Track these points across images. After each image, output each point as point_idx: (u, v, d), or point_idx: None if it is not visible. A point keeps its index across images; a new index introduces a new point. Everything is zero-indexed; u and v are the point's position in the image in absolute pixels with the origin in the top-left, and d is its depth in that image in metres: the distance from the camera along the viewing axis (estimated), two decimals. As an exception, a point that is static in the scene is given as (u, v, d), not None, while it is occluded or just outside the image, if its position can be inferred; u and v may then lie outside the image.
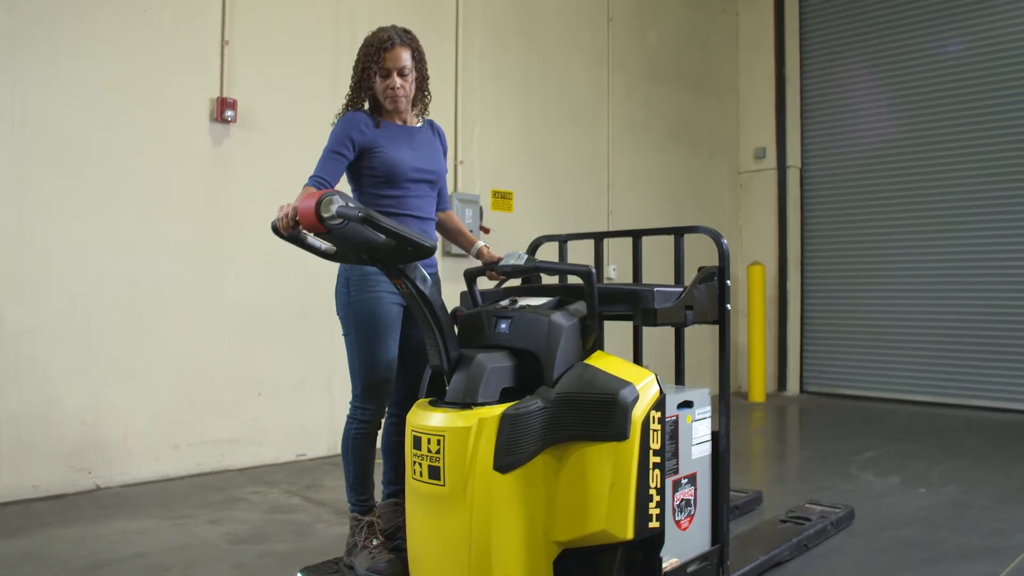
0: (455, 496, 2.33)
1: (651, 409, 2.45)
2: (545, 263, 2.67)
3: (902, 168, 8.35)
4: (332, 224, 2.18)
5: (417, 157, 2.90)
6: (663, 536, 2.52)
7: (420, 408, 2.46)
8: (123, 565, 3.45)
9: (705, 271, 2.85)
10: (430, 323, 2.38)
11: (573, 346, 2.54)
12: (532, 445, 2.37)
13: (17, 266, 4.39)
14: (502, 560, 2.35)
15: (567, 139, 7.39)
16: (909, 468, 5.36)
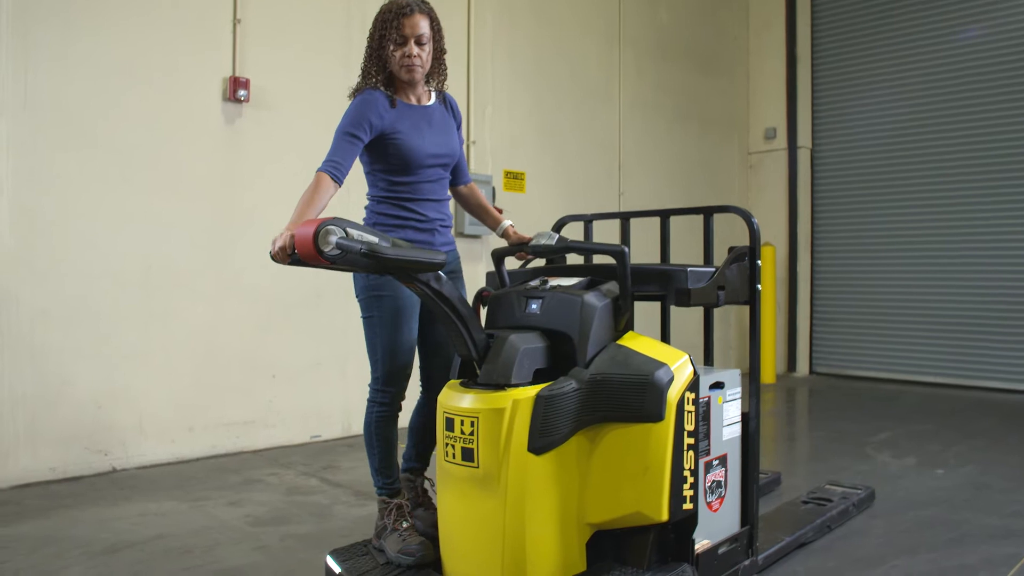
0: (489, 478, 2.31)
1: (685, 390, 2.43)
2: (577, 242, 2.63)
3: (913, 149, 8.29)
4: (331, 256, 2.08)
5: (433, 142, 2.82)
6: (696, 518, 2.51)
7: (452, 390, 2.43)
8: (145, 547, 3.43)
9: (736, 251, 2.81)
10: (452, 318, 2.33)
11: (606, 327, 2.51)
12: (566, 426, 2.35)
13: (30, 247, 4.35)
14: (536, 542, 2.33)
15: (578, 119, 7.32)
16: (924, 449, 5.35)
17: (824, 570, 3.22)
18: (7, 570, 3.16)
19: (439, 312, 2.31)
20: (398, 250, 2.11)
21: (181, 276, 4.89)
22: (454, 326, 2.34)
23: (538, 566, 2.34)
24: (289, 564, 3.16)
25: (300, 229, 2.10)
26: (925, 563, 3.29)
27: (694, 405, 2.47)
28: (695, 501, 2.48)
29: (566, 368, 2.45)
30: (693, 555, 2.52)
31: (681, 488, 2.41)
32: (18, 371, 4.31)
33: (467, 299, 2.70)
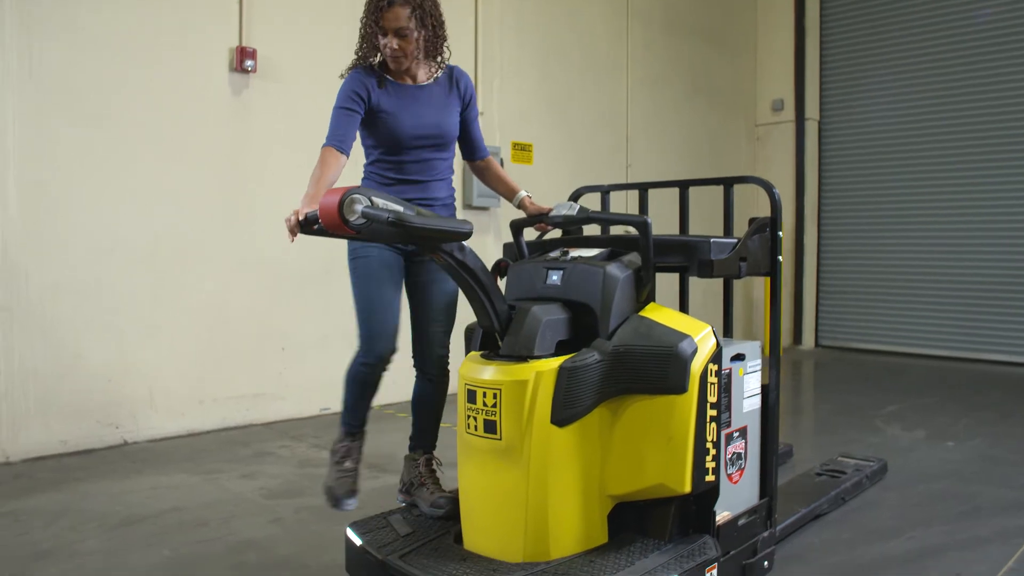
0: (512, 450, 2.29)
1: (709, 362, 2.40)
2: (599, 213, 2.59)
3: (922, 122, 8.22)
4: (357, 225, 2.04)
5: (418, 123, 2.74)
6: (718, 490, 2.49)
7: (474, 362, 2.41)
8: (160, 520, 3.43)
9: (758, 222, 2.78)
10: (475, 288, 2.30)
11: (628, 298, 2.47)
12: (589, 398, 2.32)
13: (38, 221, 4.31)
14: (559, 514, 2.32)
15: (586, 91, 7.25)
16: (933, 422, 5.35)
17: (839, 541, 3.22)
18: (24, 543, 3.16)
19: (462, 283, 2.28)
20: (424, 219, 2.07)
21: (190, 249, 4.86)
22: (476, 297, 2.30)
23: (560, 538, 2.33)
24: (305, 536, 3.16)
25: (325, 198, 2.06)
26: (940, 535, 3.29)
27: (717, 377, 2.44)
28: (717, 473, 2.47)
29: (588, 340, 2.42)
30: (714, 527, 2.50)
31: (704, 460, 2.40)
32: (29, 345, 4.29)
33: None
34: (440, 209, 2.85)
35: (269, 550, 3.06)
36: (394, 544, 2.42)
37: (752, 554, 2.70)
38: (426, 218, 2.07)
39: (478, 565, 2.27)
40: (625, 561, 2.28)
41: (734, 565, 2.60)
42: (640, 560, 2.29)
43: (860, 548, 3.15)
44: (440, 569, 2.24)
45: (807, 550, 3.12)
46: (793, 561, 2.98)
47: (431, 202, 2.81)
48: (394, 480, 4.03)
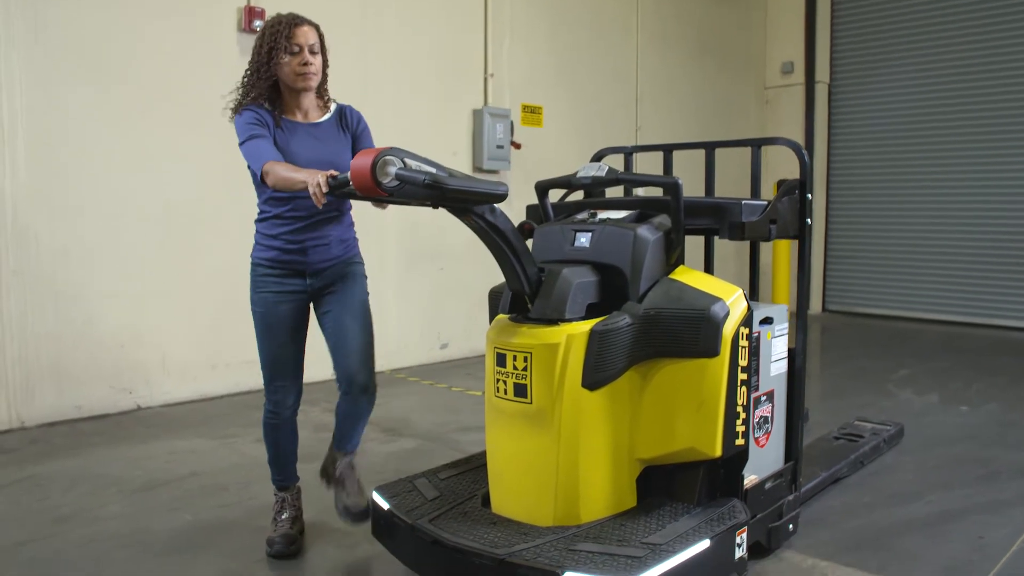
0: (543, 414, 2.27)
1: (740, 325, 2.37)
2: (628, 174, 2.54)
3: (934, 87, 8.10)
4: (390, 187, 1.98)
5: (313, 160, 2.61)
6: (747, 453, 2.48)
7: (502, 325, 2.37)
8: (180, 484, 3.43)
9: (788, 184, 2.73)
10: (505, 251, 2.25)
11: (658, 261, 2.44)
12: (620, 362, 2.29)
13: (47, 184, 4.25)
14: (589, 478, 2.30)
15: (596, 53, 7.14)
16: (946, 386, 5.34)
17: (860, 505, 3.22)
18: (45, 507, 3.16)
19: (492, 245, 2.23)
20: (460, 181, 2.01)
21: (200, 213, 4.80)
22: (507, 260, 2.26)
23: (590, 502, 2.31)
24: (326, 501, 3.14)
25: (357, 159, 2.01)
26: (959, 499, 3.29)
27: (747, 340, 2.42)
28: (746, 437, 2.45)
29: (617, 303, 2.39)
30: (742, 490, 2.49)
31: (734, 424, 2.38)
32: (40, 310, 4.25)
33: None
34: (337, 246, 2.73)
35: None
36: (422, 508, 2.41)
37: (778, 517, 2.70)
38: (461, 179, 2.02)
39: (508, 529, 2.25)
40: (656, 524, 2.27)
41: (761, 528, 2.60)
42: (671, 523, 2.28)
43: (881, 511, 3.15)
44: (471, 533, 2.22)
45: (828, 513, 3.12)
46: (816, 524, 2.98)
47: (326, 240, 2.70)
48: (410, 444, 4.04)
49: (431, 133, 5.83)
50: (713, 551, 2.20)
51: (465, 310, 6.21)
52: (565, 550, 2.11)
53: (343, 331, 2.71)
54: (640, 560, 2.04)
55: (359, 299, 2.76)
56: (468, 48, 6.13)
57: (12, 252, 4.16)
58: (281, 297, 2.71)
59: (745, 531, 2.35)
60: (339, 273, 2.75)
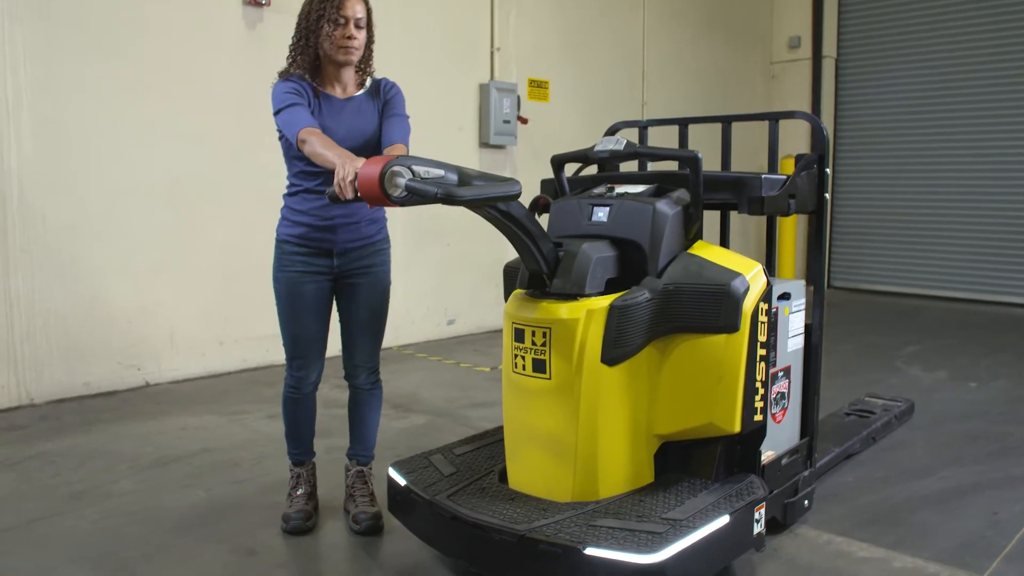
0: (562, 390, 2.25)
1: (759, 300, 2.35)
2: (647, 148, 2.50)
3: (942, 63, 8.03)
4: (399, 199, 1.92)
5: (348, 135, 2.59)
6: (765, 429, 2.46)
7: (521, 300, 2.35)
8: (192, 460, 3.42)
9: (806, 159, 2.69)
10: (520, 236, 2.22)
11: (677, 236, 2.41)
12: (639, 337, 2.27)
13: (53, 160, 4.21)
14: (607, 454, 2.29)
15: (603, 27, 7.06)
16: (954, 363, 5.34)
17: (873, 480, 3.22)
18: (58, 484, 3.15)
19: (506, 231, 2.19)
20: (474, 190, 1.95)
21: (207, 188, 4.77)
22: (523, 243, 2.22)
23: (609, 478, 2.30)
24: (339, 477, 3.13)
25: (364, 169, 1.96)
26: (972, 474, 3.29)
27: (767, 316, 2.39)
28: (764, 413, 2.43)
29: (635, 277, 2.36)
30: (759, 466, 2.49)
31: (753, 400, 2.36)
32: (48, 287, 4.23)
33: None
34: (367, 226, 2.67)
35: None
36: (439, 484, 2.40)
37: (793, 493, 2.70)
38: (475, 188, 1.96)
39: (527, 505, 2.25)
40: (675, 500, 2.26)
41: (777, 504, 2.60)
42: (689, 499, 2.27)
43: (894, 487, 3.15)
44: (490, 509, 2.21)
45: (842, 489, 3.12)
46: (830, 500, 2.98)
47: (356, 217, 2.65)
48: (420, 420, 4.04)
49: (437, 108, 5.77)
50: (732, 527, 2.19)
51: (472, 286, 6.19)
52: (585, 526, 2.10)
53: (357, 327, 2.73)
54: (661, 536, 2.03)
55: (379, 294, 2.72)
56: (474, 21, 6.05)
57: (19, 229, 4.12)
58: (307, 277, 2.65)
59: (763, 507, 2.34)
60: (366, 258, 2.69)
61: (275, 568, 2.47)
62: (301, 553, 2.59)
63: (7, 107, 4.05)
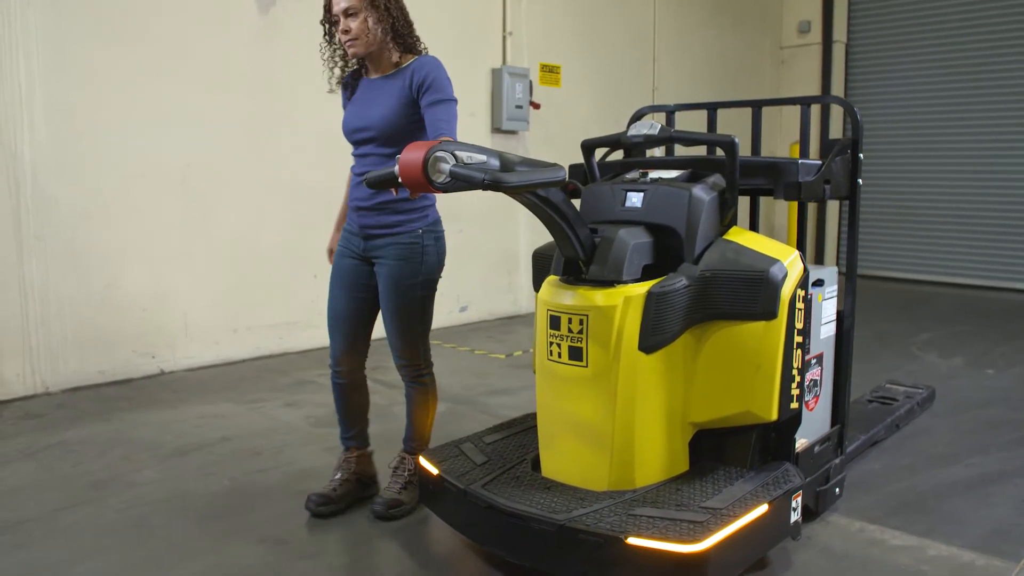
0: (599, 378, 2.22)
1: (797, 287, 2.32)
2: (683, 132, 2.47)
3: (955, 47, 7.97)
4: (443, 185, 1.88)
5: (354, 119, 2.60)
6: (800, 417, 2.44)
7: (556, 286, 2.32)
8: (213, 449, 3.40)
9: (841, 144, 2.66)
10: (557, 221, 2.18)
11: (713, 221, 2.38)
12: (677, 324, 2.25)
13: (66, 145, 4.17)
14: (644, 442, 2.26)
15: (613, 11, 6.99)
16: (970, 349, 5.32)
17: (900, 468, 3.21)
18: (80, 472, 3.13)
19: (543, 216, 2.16)
20: (519, 176, 1.91)
21: (220, 174, 4.73)
22: (559, 228, 2.19)
23: (645, 466, 2.28)
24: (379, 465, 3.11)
25: (406, 155, 1.91)
26: (998, 461, 3.27)
27: (804, 303, 2.37)
28: (800, 400, 2.41)
29: (670, 264, 2.33)
30: (794, 454, 2.46)
31: (790, 388, 2.34)
32: (62, 274, 4.20)
33: None
34: (389, 215, 2.60)
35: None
36: (472, 473, 2.38)
37: (825, 481, 2.68)
38: (520, 174, 1.92)
39: (564, 494, 2.22)
40: (712, 488, 2.24)
41: (809, 492, 2.57)
42: (727, 487, 2.25)
43: (921, 475, 3.14)
44: (526, 499, 2.19)
45: (870, 476, 3.10)
46: (858, 487, 2.96)
47: (371, 203, 2.59)
48: (440, 407, 3.92)
49: (449, 93, 5.72)
50: (771, 515, 2.17)
51: (484, 272, 6.16)
52: (625, 515, 2.08)
53: (383, 317, 2.70)
54: (702, 524, 2.01)
55: (394, 286, 2.61)
56: (486, 5, 5.99)
57: (34, 216, 4.09)
58: (344, 251, 2.72)
59: (800, 495, 2.32)
60: (386, 248, 2.60)
61: (306, 558, 2.45)
62: (332, 542, 2.57)
63: (20, 93, 4.01)
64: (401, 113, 2.50)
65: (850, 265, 2.79)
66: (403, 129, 2.51)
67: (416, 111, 2.50)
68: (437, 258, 2.68)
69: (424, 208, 2.63)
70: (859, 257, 8.53)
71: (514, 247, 6.36)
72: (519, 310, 6.45)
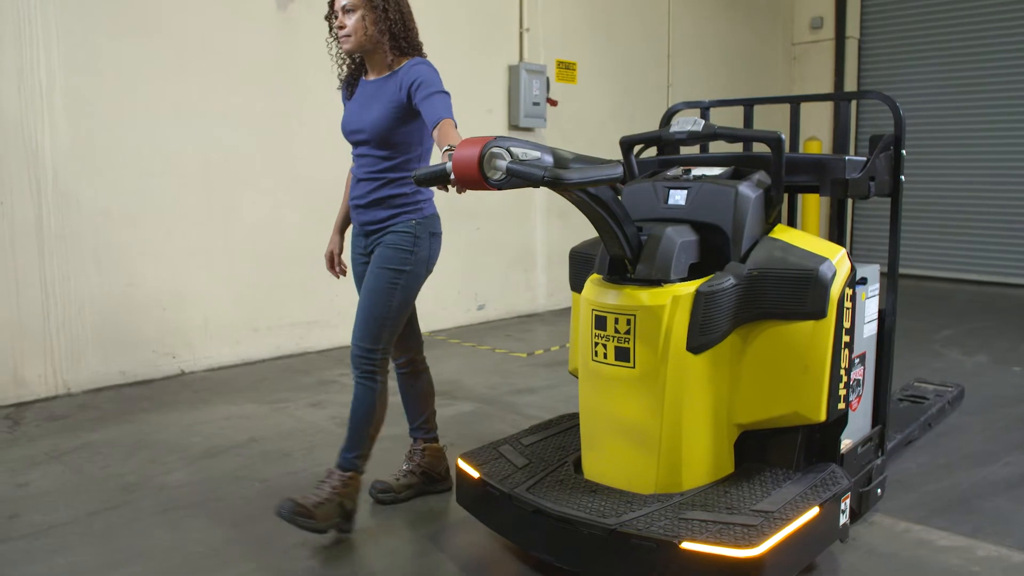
0: (646, 379, 2.18)
1: (845, 286, 2.28)
2: (727, 129, 2.42)
3: (968, 42, 7.91)
4: (499, 182, 1.82)
5: (349, 120, 2.64)
6: (847, 417, 2.40)
7: (602, 286, 2.27)
8: (242, 450, 3.36)
9: (885, 140, 2.61)
10: (605, 218, 2.14)
11: (759, 219, 2.33)
12: (725, 324, 2.20)
13: (87, 142, 4.13)
14: (691, 444, 2.22)
15: (628, 8, 6.94)
16: (993, 346, 5.27)
17: (937, 467, 3.17)
18: (109, 476, 3.09)
19: (592, 214, 2.11)
20: (578, 173, 1.86)
21: (240, 171, 4.68)
22: (607, 226, 2.14)
23: (692, 469, 2.24)
24: (395, 465, 3.08)
25: (460, 151, 1.85)
26: (1036, 459, 3.24)
27: (851, 302, 2.32)
28: (847, 401, 2.37)
29: (716, 263, 2.29)
30: (839, 455, 2.42)
31: (838, 388, 2.29)
32: (83, 274, 4.16)
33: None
34: (381, 210, 2.60)
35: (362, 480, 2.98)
36: (515, 476, 2.34)
37: (867, 482, 2.63)
38: (579, 171, 1.87)
39: (611, 498, 2.18)
40: (760, 491, 2.20)
41: (854, 493, 2.52)
42: (775, 490, 2.21)
43: (960, 473, 3.10)
44: (573, 502, 2.15)
45: (907, 476, 3.06)
46: (897, 487, 2.92)
47: (365, 200, 2.62)
48: (467, 407, 3.98)
49: (466, 90, 5.66)
50: (822, 518, 2.13)
51: (501, 270, 6.12)
52: (676, 519, 2.04)
53: (360, 297, 2.63)
54: (756, 528, 1.97)
55: (376, 274, 2.55)
56: (503, 2, 5.94)
57: (54, 215, 4.05)
58: (356, 257, 2.76)
59: (848, 497, 2.28)
60: (388, 234, 2.59)
61: (347, 563, 2.41)
62: (374, 545, 2.53)
63: (40, 89, 3.97)
64: (392, 116, 2.51)
65: (892, 263, 2.74)
66: (393, 133, 2.53)
67: (408, 114, 2.50)
68: (427, 254, 2.62)
69: (419, 202, 2.62)
70: (871, 253, 8.55)
71: (531, 244, 6.31)
72: (537, 308, 6.41)
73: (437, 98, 2.41)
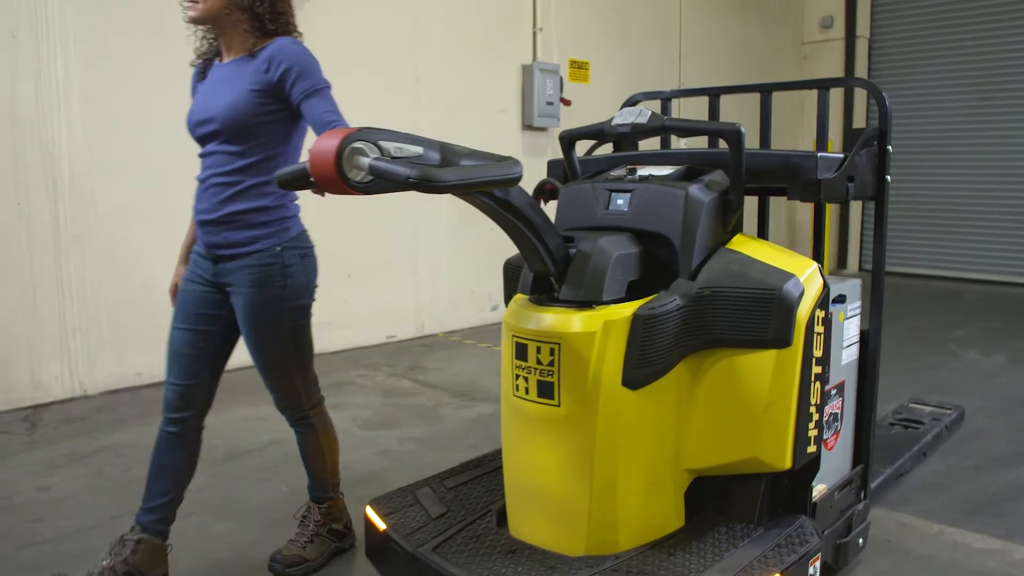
0: (573, 419, 1.59)
1: (815, 307, 1.64)
2: (677, 120, 1.77)
3: (979, 40, 6.93)
4: (363, 185, 1.28)
5: (195, 109, 1.90)
6: (819, 462, 1.76)
7: (524, 308, 1.68)
8: (263, 453, 2.93)
9: (867, 134, 1.95)
10: (522, 229, 1.55)
11: (714, 228, 1.71)
12: (669, 354, 1.60)
13: (104, 141, 3.70)
14: (629, 496, 1.62)
15: (639, 8, 6.26)
16: (1009, 346, 4.50)
17: (965, 469, 2.65)
18: (131, 479, 2.66)
19: (504, 223, 1.54)
20: (460, 173, 1.29)
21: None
22: (525, 239, 1.56)
23: (631, 525, 1.63)
24: (420, 469, 2.57)
25: (318, 145, 1.29)
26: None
27: (824, 325, 1.69)
28: (819, 442, 1.73)
29: (662, 280, 1.68)
30: (811, 504, 1.78)
31: (807, 428, 1.67)
32: (99, 275, 3.74)
33: None
34: (237, 231, 1.84)
35: (389, 483, 2.43)
36: (425, 530, 1.74)
37: (847, 531, 1.95)
38: (462, 170, 1.30)
39: (531, 561, 1.60)
40: (711, 553, 1.60)
41: (829, 546, 1.86)
42: (729, 552, 1.60)
43: (989, 475, 2.58)
44: (483, 566, 1.57)
45: (937, 477, 2.56)
46: (927, 488, 2.46)
47: (213, 215, 1.86)
48: (487, 408, 3.51)
49: (480, 89, 5.10)
50: (784, 588, 1.52)
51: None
52: (601, 592, 1.46)
53: (251, 356, 1.96)
54: (696, 609, 1.38)
55: (252, 318, 1.86)
56: (516, 1, 5.34)
57: (71, 215, 3.63)
58: (192, 275, 1.94)
59: (818, 559, 1.65)
60: (248, 271, 1.83)
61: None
62: None
63: (57, 89, 3.55)
64: (250, 101, 1.78)
65: (876, 276, 2.07)
66: (251, 122, 1.79)
67: (274, 101, 1.79)
68: (305, 279, 1.90)
69: (283, 220, 1.87)
70: (889, 262, 7.64)
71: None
72: (551, 305, 5.82)
73: (320, 99, 1.78)
